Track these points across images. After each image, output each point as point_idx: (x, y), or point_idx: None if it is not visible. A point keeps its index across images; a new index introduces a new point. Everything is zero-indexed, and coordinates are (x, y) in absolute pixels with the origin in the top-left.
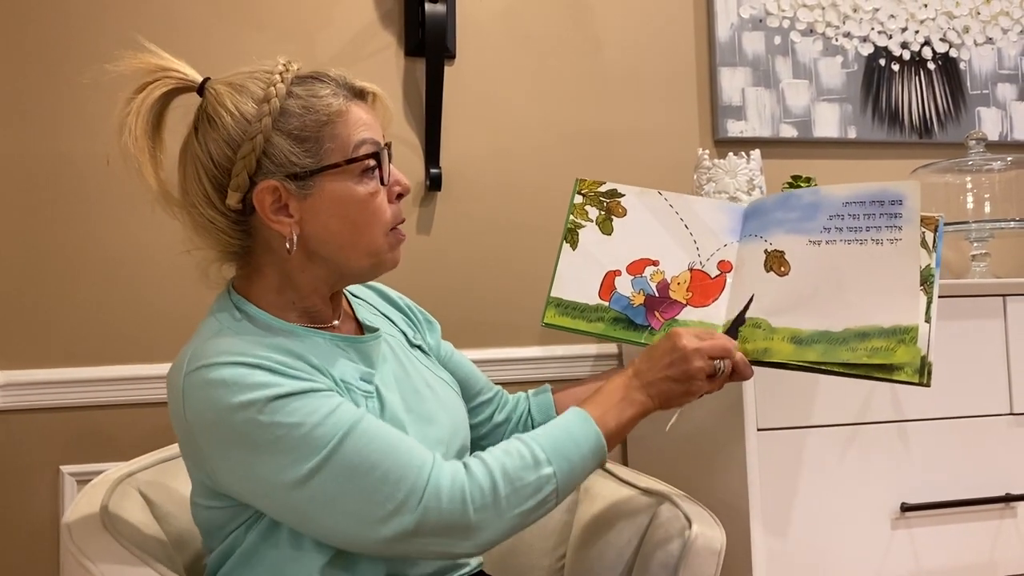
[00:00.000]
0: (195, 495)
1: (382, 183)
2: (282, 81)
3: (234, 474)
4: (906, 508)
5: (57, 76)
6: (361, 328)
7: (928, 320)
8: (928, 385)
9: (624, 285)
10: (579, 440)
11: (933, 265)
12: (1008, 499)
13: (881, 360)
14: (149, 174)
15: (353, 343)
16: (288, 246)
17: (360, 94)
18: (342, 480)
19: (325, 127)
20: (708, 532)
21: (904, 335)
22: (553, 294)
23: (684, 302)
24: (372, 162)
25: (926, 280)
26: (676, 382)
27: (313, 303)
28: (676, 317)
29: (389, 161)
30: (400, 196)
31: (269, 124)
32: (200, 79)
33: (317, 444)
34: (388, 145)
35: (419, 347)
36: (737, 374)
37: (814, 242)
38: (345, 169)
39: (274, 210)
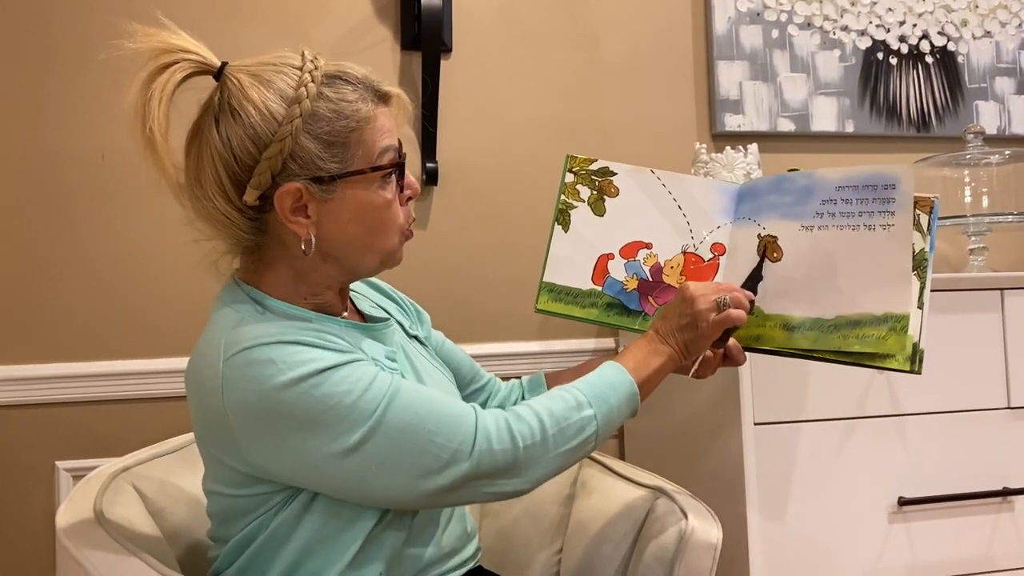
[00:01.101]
0: (218, 484)
1: (400, 190)
2: (312, 80)
3: (282, 454)
4: (903, 502)
5: (52, 72)
6: (364, 319)
7: (920, 306)
8: (919, 372)
9: (617, 269)
10: (616, 386)
11: (927, 248)
12: (1005, 493)
13: (872, 348)
14: (168, 163)
15: (367, 330)
16: (304, 247)
17: (384, 97)
18: (396, 438)
19: (353, 133)
20: (704, 526)
21: (895, 323)
22: (546, 279)
23: (678, 286)
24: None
25: (919, 264)
26: (689, 327)
27: (325, 298)
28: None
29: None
30: (410, 198)
31: (300, 126)
32: (218, 63)
33: (368, 408)
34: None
35: (416, 337)
36: (730, 359)
37: (807, 227)
38: (368, 176)
39: (293, 211)
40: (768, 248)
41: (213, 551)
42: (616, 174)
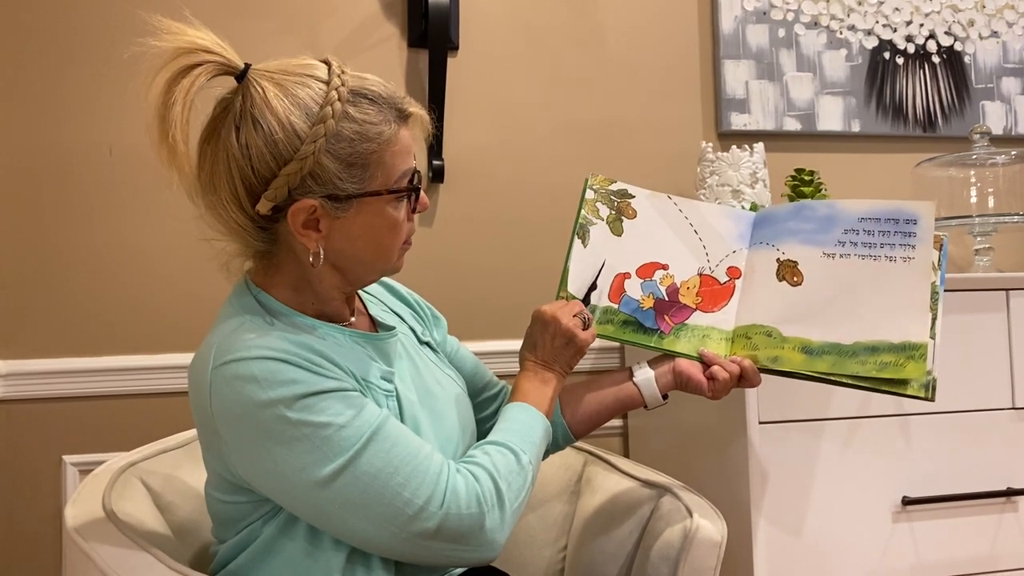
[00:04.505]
0: (212, 487)
1: (414, 211)
2: (339, 99)
3: (257, 469)
4: (907, 502)
5: (60, 67)
6: (375, 325)
7: (933, 336)
8: (933, 400)
9: (634, 288)
10: (533, 426)
11: (938, 283)
12: (1009, 493)
13: (890, 375)
14: (188, 167)
15: (371, 340)
16: (312, 260)
17: (405, 116)
18: (365, 483)
19: (374, 155)
20: (709, 524)
21: (913, 351)
22: (564, 292)
23: (694, 307)
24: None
25: (931, 297)
26: (565, 346)
27: (331, 306)
28: (686, 322)
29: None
30: (417, 211)
31: (323, 146)
32: (242, 64)
33: (342, 446)
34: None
35: (428, 344)
36: (745, 380)
37: (828, 255)
38: (384, 197)
39: (304, 224)
40: (787, 272)
41: (214, 548)
42: (634, 196)
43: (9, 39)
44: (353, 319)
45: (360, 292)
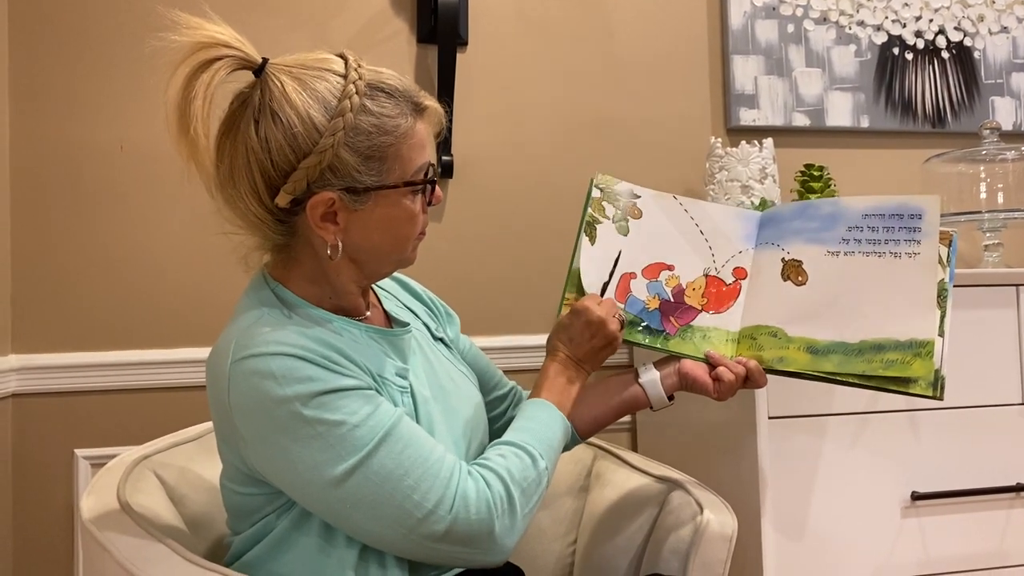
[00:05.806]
0: (227, 479)
1: (429, 204)
2: (356, 92)
3: (271, 464)
4: (916, 497)
5: (74, 62)
6: (389, 319)
7: (942, 334)
8: (941, 399)
9: (639, 289)
10: (553, 427)
11: (947, 279)
12: (1018, 488)
13: (897, 373)
14: (209, 161)
15: (386, 336)
16: (330, 253)
17: (421, 110)
18: (376, 484)
19: (391, 148)
20: (719, 518)
21: (920, 349)
22: (575, 289)
23: (699, 308)
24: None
25: (940, 294)
26: (603, 349)
27: (348, 300)
28: (691, 323)
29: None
30: (431, 204)
31: (342, 139)
32: (260, 59)
33: (355, 445)
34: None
35: (441, 340)
36: (751, 381)
37: (832, 253)
38: (400, 190)
39: (322, 217)
40: (792, 272)
41: (228, 539)
42: (639, 197)
43: (23, 33)
44: (368, 313)
45: (375, 287)
